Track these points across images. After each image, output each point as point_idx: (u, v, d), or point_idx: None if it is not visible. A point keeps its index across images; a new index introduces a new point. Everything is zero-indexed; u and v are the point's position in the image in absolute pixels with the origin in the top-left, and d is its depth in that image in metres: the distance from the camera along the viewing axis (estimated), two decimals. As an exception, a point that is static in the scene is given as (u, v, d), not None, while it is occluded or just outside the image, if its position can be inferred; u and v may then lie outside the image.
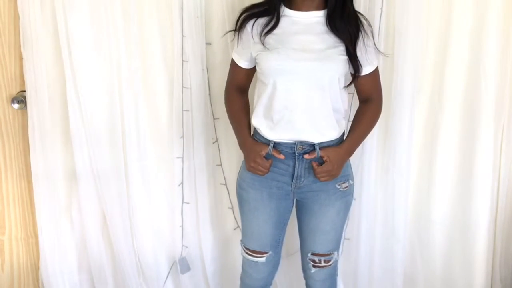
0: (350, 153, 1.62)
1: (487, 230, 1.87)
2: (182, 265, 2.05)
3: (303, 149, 1.55)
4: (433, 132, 1.85)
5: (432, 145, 1.87)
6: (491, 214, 1.87)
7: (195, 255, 2.07)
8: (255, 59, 1.57)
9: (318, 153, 1.54)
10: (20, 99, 1.86)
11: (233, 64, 1.66)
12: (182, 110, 1.88)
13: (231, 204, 2.03)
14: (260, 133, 1.59)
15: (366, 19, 1.56)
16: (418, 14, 1.69)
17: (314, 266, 1.68)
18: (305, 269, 1.74)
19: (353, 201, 1.73)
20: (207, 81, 1.87)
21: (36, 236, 2.04)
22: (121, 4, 1.76)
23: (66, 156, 1.92)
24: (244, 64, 1.63)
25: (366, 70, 1.56)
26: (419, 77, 1.80)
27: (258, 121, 1.59)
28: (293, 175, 1.58)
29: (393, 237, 1.93)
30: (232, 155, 1.97)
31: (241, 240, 1.73)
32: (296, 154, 1.56)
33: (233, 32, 1.63)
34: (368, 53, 1.54)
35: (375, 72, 1.60)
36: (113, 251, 2.03)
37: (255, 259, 1.70)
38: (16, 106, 1.86)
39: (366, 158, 1.86)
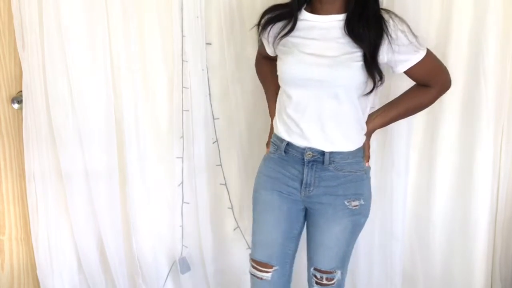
0: (373, 130, 1.57)
1: (487, 230, 1.87)
2: (182, 265, 2.05)
3: (312, 156, 1.48)
4: (433, 131, 1.85)
5: (431, 144, 1.86)
6: (491, 214, 1.86)
7: (195, 255, 2.07)
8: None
9: (326, 162, 1.48)
10: (20, 99, 1.86)
11: (261, 42, 1.65)
12: (182, 110, 1.88)
13: (231, 204, 2.03)
14: (276, 132, 1.57)
15: (394, 17, 1.42)
16: (418, 14, 1.68)
17: (316, 283, 1.60)
18: (309, 284, 1.68)
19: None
20: (207, 81, 1.87)
21: (36, 236, 2.03)
22: (121, 4, 1.76)
23: (63, 156, 1.91)
24: (269, 51, 1.63)
25: (403, 67, 1.45)
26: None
27: (274, 120, 1.58)
28: (301, 182, 1.52)
29: (391, 236, 1.93)
30: (232, 155, 1.97)
31: (250, 255, 1.65)
32: (305, 160, 1.50)
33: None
34: (400, 53, 1.42)
35: (423, 63, 1.46)
36: (112, 252, 2.03)
37: (260, 274, 1.60)
38: (16, 106, 1.87)
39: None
